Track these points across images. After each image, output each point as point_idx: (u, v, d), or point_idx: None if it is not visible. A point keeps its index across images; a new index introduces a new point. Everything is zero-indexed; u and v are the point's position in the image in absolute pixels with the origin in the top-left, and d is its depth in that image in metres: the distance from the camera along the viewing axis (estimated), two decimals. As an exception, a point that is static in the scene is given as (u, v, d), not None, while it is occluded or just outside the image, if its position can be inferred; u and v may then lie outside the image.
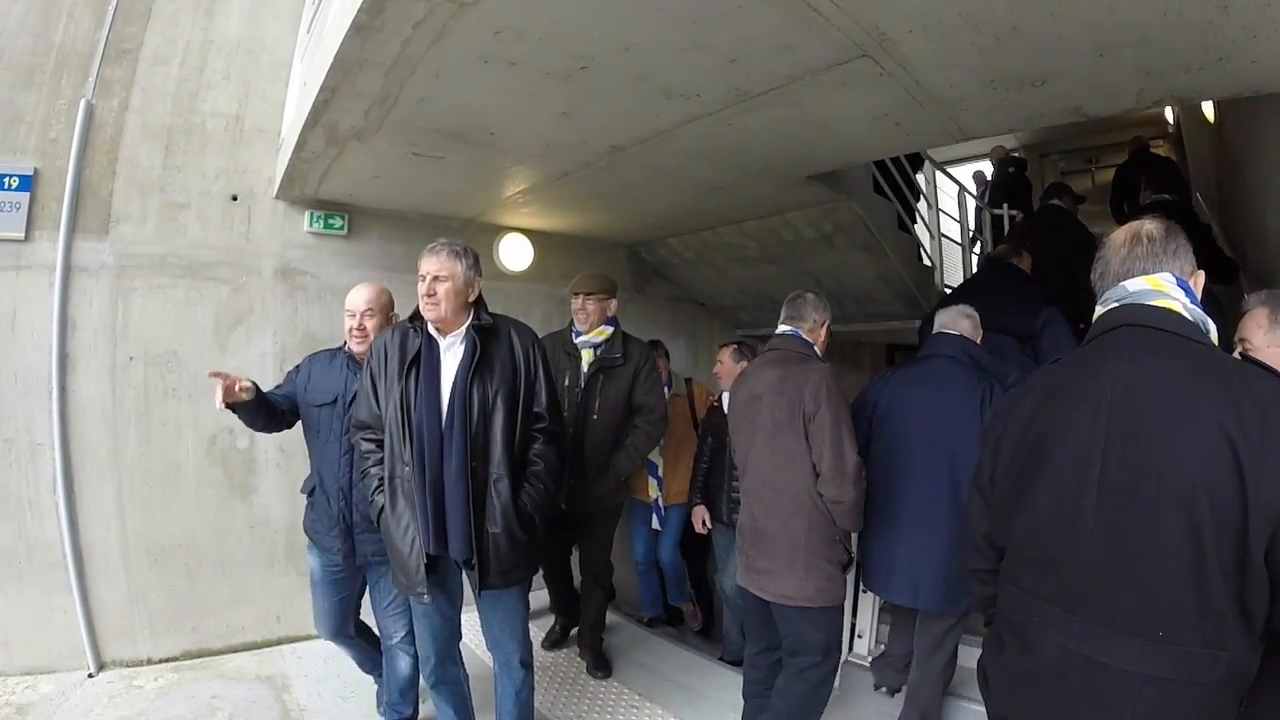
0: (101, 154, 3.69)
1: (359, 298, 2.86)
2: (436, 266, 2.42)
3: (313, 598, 3.02)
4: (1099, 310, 1.51)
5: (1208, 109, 5.11)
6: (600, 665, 3.80)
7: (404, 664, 2.97)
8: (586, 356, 3.62)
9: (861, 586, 3.50)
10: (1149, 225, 1.48)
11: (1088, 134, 8.00)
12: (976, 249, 7.32)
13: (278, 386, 2.96)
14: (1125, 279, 1.46)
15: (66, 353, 3.56)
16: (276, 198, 4.12)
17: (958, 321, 3.04)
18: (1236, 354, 1.90)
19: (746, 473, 2.79)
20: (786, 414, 2.58)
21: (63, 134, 3.58)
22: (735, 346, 4.11)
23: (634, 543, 4.81)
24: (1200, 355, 1.34)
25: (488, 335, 2.50)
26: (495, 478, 2.44)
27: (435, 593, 2.47)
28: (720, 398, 4.14)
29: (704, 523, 4.07)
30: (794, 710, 2.67)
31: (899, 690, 3.26)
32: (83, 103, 3.60)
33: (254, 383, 2.69)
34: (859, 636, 3.56)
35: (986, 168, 8.61)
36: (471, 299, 2.50)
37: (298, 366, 3.00)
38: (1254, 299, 1.96)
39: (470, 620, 2.76)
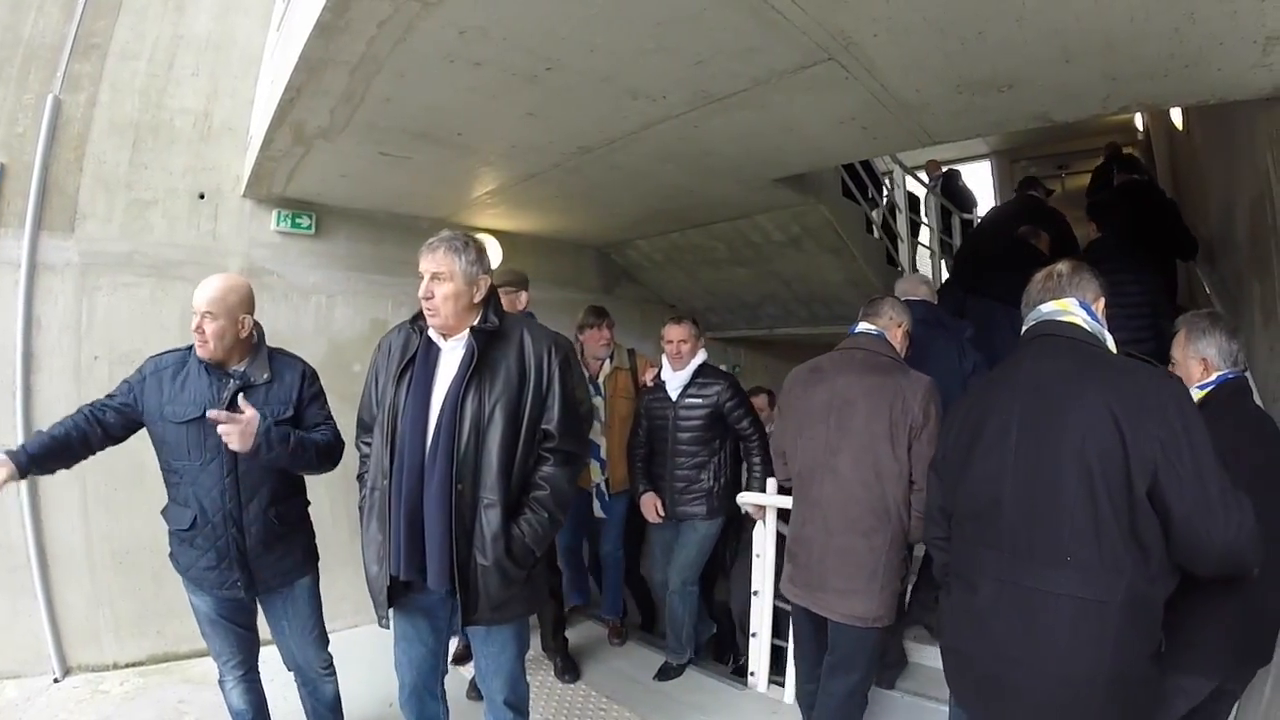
0: (68, 150, 3.63)
1: (200, 296, 2.45)
2: (434, 264, 2.18)
3: (209, 640, 2.65)
4: (1024, 327, 1.92)
5: (1176, 116, 5.15)
6: (569, 669, 3.77)
7: (329, 690, 2.77)
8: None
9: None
10: (1060, 266, 1.92)
11: (1058, 140, 8.09)
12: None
13: (110, 396, 2.52)
14: (1040, 304, 1.89)
15: (31, 352, 3.51)
16: (244, 196, 4.08)
17: (917, 288, 3.41)
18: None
19: (819, 481, 2.58)
20: (887, 425, 2.45)
21: (29, 129, 3.52)
22: (685, 321, 3.70)
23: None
24: (1092, 354, 1.76)
25: (491, 339, 2.22)
26: (486, 503, 2.14)
27: (415, 618, 2.30)
28: (659, 375, 3.81)
29: (656, 511, 3.73)
30: None
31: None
32: (50, 97, 3.54)
33: (9, 454, 2.23)
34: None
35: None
36: (478, 299, 2.24)
37: (141, 374, 2.52)
38: (1180, 321, 2.30)
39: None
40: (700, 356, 3.71)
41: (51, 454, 2.31)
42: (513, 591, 2.20)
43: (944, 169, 8.12)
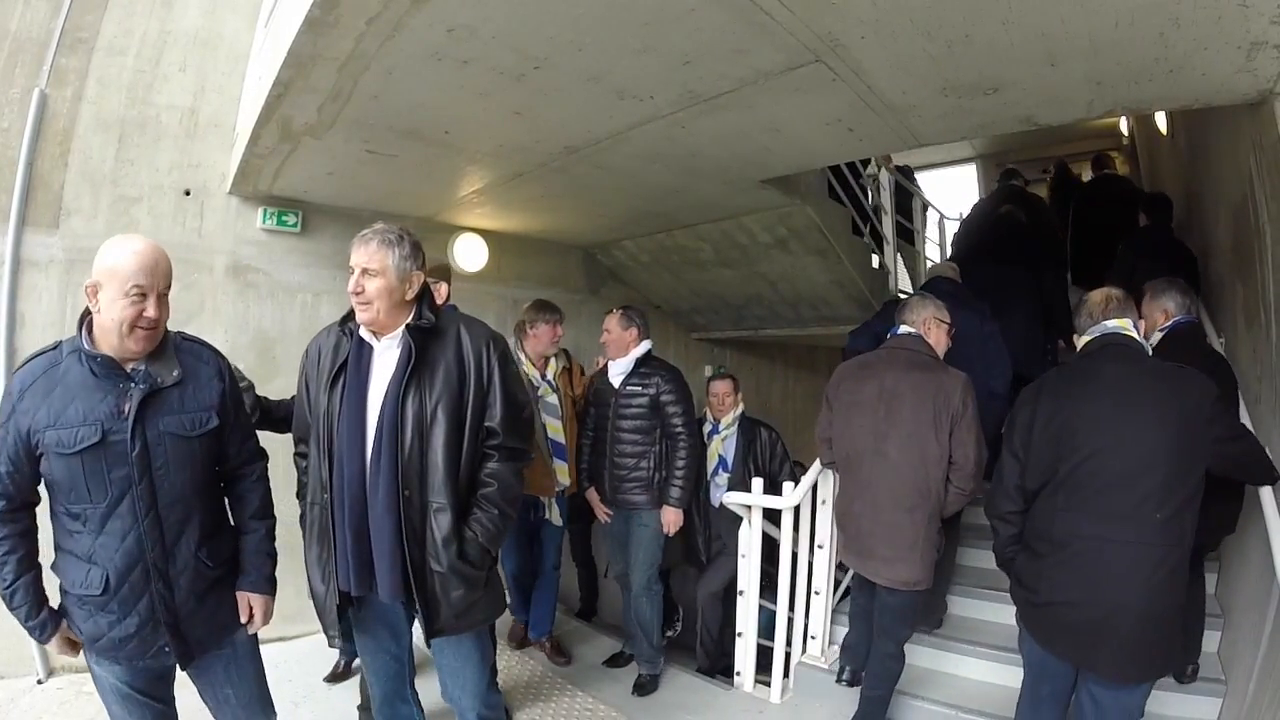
0: (54, 145, 3.60)
1: (135, 263, 1.81)
2: (366, 258, 2.07)
3: None
4: (1088, 336, 2.36)
5: (1161, 120, 5.19)
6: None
7: None
8: None
9: (815, 589, 3.53)
10: (1115, 292, 2.39)
11: (1043, 144, 8.14)
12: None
13: None
14: (1105, 320, 2.34)
15: (15, 348, 3.47)
16: (230, 193, 4.05)
17: (944, 269, 4.21)
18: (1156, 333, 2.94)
19: (868, 464, 2.92)
20: (931, 415, 2.79)
21: (15, 124, 3.49)
22: (622, 311, 3.73)
23: (512, 554, 3.95)
24: (1152, 361, 2.31)
25: (427, 337, 2.13)
26: (435, 507, 2.08)
27: (375, 629, 2.25)
28: (606, 365, 3.85)
29: (605, 510, 3.79)
30: (891, 681, 3.02)
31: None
32: (36, 92, 3.51)
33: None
34: (812, 638, 3.58)
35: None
36: (410, 295, 2.13)
37: (11, 404, 1.81)
38: (1146, 286, 3.03)
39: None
40: (643, 347, 3.69)
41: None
42: (474, 597, 2.15)
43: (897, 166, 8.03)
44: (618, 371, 3.71)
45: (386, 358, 2.13)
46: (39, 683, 3.44)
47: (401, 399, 2.05)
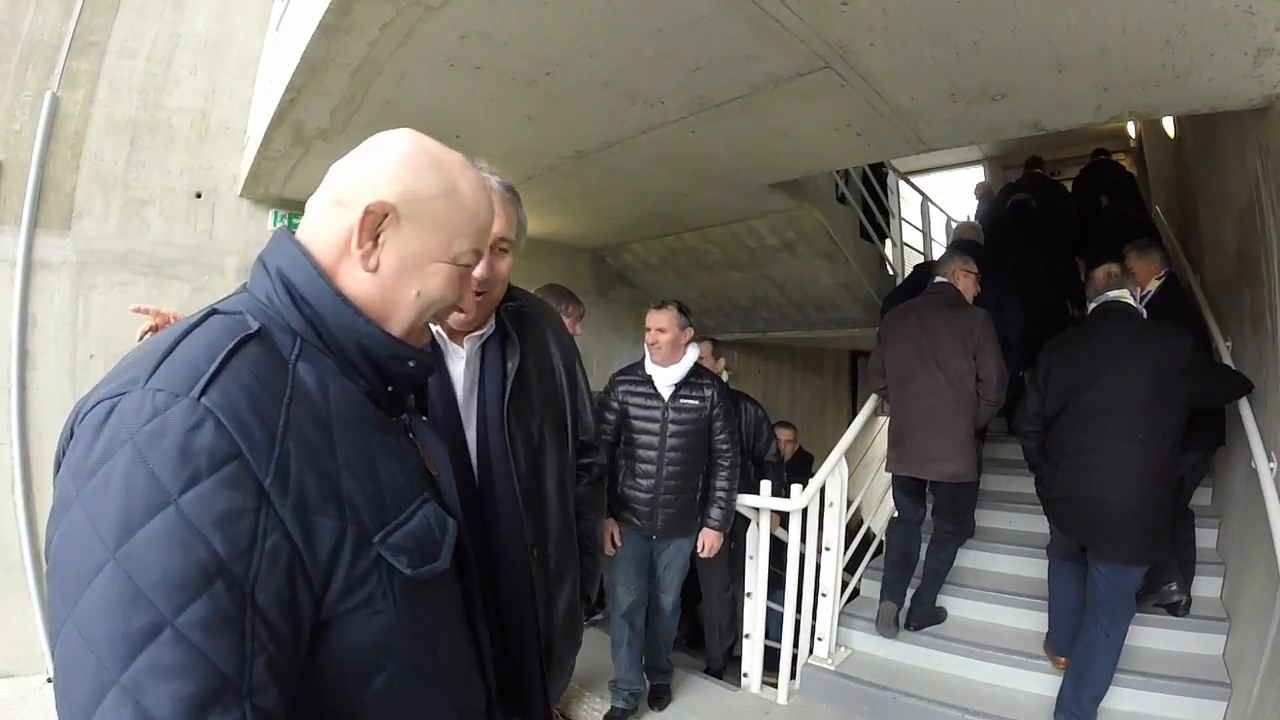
0: (65, 148, 3.62)
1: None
2: (503, 224, 1.41)
3: None
4: (1094, 304, 3.03)
5: (1168, 124, 5.20)
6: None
7: None
8: None
9: (822, 591, 3.54)
10: (1114, 268, 3.08)
11: (1051, 147, 8.14)
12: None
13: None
14: (1108, 290, 3.00)
15: (26, 350, 3.50)
16: (241, 196, 4.08)
17: (967, 232, 5.11)
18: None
19: (916, 381, 3.53)
20: (960, 341, 3.43)
21: (27, 126, 3.51)
22: (678, 307, 3.19)
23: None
24: (1142, 321, 2.99)
25: (521, 326, 1.53)
26: (554, 568, 1.54)
27: None
28: (634, 371, 3.32)
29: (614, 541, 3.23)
30: (944, 570, 3.64)
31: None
32: (48, 95, 3.53)
33: None
34: (819, 640, 3.59)
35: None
36: None
37: None
38: (1127, 248, 3.61)
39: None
40: (695, 351, 3.27)
41: None
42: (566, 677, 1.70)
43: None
44: (670, 380, 3.18)
45: (468, 364, 1.47)
46: (49, 681, 3.46)
47: (508, 419, 1.46)
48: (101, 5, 3.72)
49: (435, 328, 1.38)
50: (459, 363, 1.45)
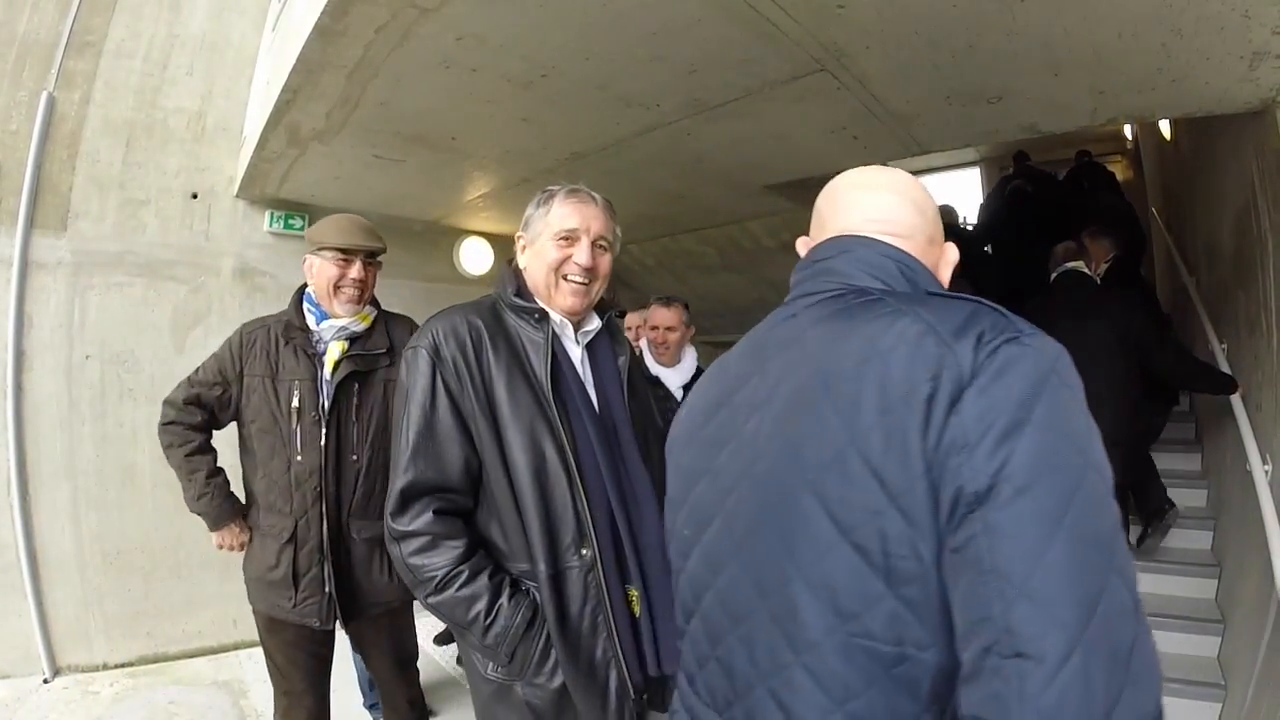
0: (62, 148, 3.62)
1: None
2: (602, 224, 1.53)
3: None
4: (1055, 274, 3.52)
5: (1165, 127, 5.21)
6: None
7: None
8: (336, 352, 2.21)
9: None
10: (1070, 245, 3.68)
11: (1048, 148, 8.15)
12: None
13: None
14: (1066, 263, 3.50)
15: (22, 350, 3.50)
16: (237, 197, 4.07)
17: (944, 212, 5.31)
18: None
19: None
20: None
21: (23, 126, 3.51)
22: (683, 304, 3.21)
23: None
24: (1097, 288, 3.50)
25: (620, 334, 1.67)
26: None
27: None
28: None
29: None
30: None
31: None
32: (44, 95, 3.53)
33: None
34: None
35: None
36: None
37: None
38: (1085, 233, 4.05)
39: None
40: (692, 351, 3.22)
41: None
42: None
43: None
44: (679, 382, 3.08)
45: (583, 351, 1.57)
46: (45, 682, 3.46)
47: (630, 407, 1.57)
48: (98, 5, 3.72)
49: (556, 316, 1.51)
50: (575, 354, 1.55)
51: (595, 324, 1.60)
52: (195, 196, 3.99)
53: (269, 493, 2.19)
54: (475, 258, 5.13)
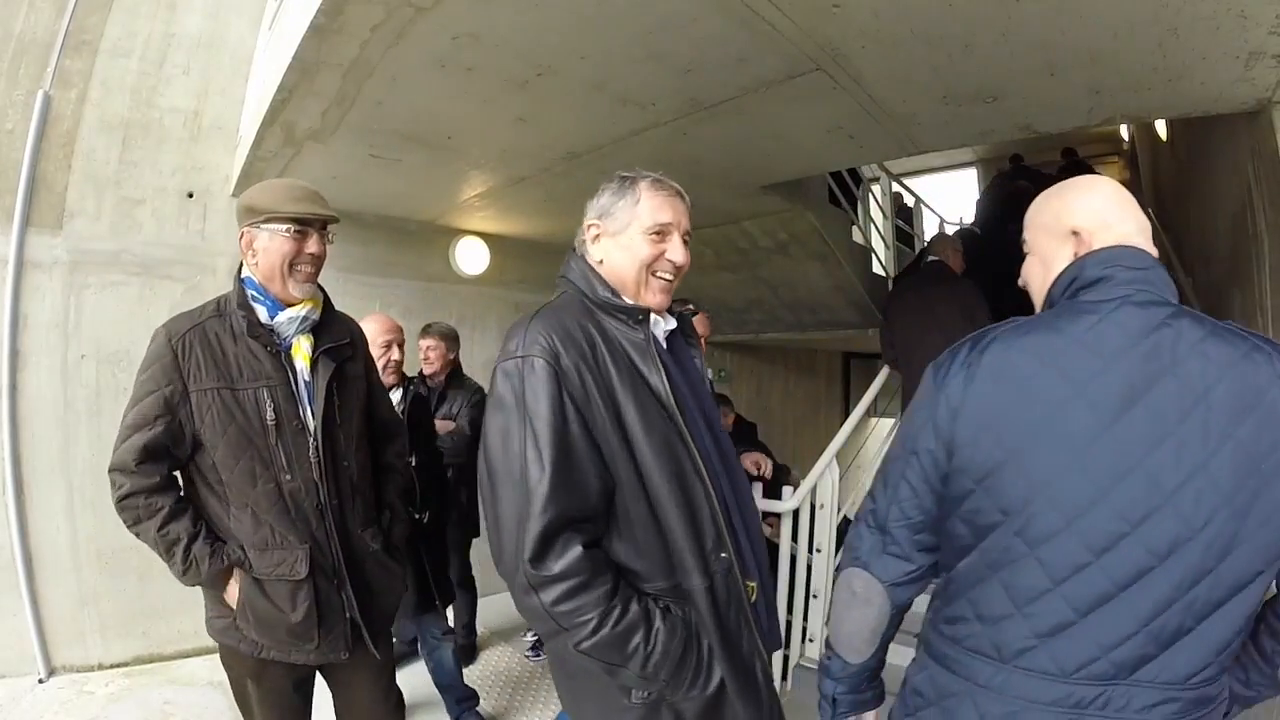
0: (57, 147, 3.61)
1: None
2: (687, 217, 1.61)
3: None
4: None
5: (1161, 128, 5.21)
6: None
7: None
8: (306, 347, 1.98)
9: (813, 592, 3.54)
10: None
11: (1044, 149, 8.18)
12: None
13: None
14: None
15: (17, 349, 3.49)
16: (233, 196, 4.05)
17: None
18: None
19: (921, 351, 3.75)
20: (958, 310, 3.85)
21: (19, 125, 3.50)
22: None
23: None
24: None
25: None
26: None
27: None
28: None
29: None
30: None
31: None
32: (40, 93, 3.53)
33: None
34: (810, 641, 3.59)
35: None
36: None
37: None
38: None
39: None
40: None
41: None
42: None
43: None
44: None
45: (666, 344, 1.56)
46: (40, 682, 3.46)
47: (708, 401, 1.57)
48: (94, 4, 3.71)
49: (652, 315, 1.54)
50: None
51: (671, 320, 1.60)
52: (191, 195, 3.98)
53: (259, 530, 1.82)
54: (471, 257, 5.12)
